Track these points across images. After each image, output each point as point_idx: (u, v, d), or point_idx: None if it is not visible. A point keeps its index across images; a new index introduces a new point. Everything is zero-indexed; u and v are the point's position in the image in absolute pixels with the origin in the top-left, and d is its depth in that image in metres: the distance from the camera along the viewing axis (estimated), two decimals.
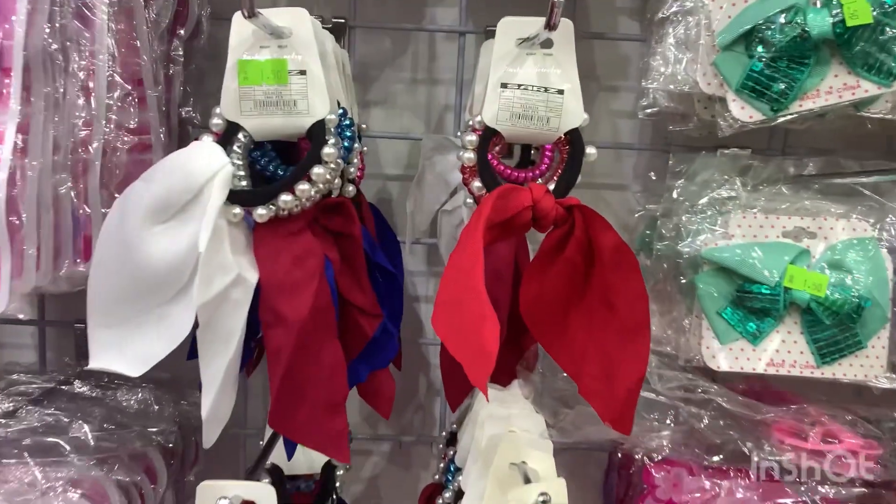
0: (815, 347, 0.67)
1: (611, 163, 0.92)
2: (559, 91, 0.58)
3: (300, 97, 0.54)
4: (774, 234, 0.68)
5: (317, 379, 0.58)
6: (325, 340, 0.58)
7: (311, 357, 0.57)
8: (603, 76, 0.91)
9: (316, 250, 0.58)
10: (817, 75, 0.62)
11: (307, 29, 0.55)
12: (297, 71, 0.54)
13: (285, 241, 0.57)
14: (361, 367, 0.66)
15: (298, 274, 0.57)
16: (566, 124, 0.59)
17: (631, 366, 0.59)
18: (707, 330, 0.68)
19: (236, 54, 0.55)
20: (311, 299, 0.57)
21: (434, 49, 0.92)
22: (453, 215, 0.84)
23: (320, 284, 0.58)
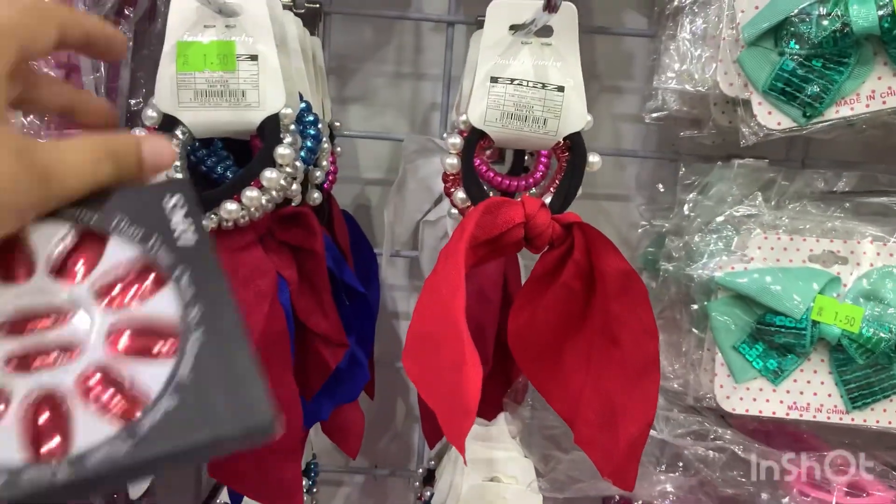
0: (844, 390, 0.58)
1: (612, 171, 0.84)
2: (559, 88, 0.50)
3: (250, 86, 0.45)
4: (800, 257, 0.59)
5: None
6: (277, 374, 0.49)
7: None
8: (605, 75, 0.83)
9: (267, 268, 0.49)
10: (858, 77, 0.53)
11: (260, 6, 0.46)
12: (248, 55, 0.45)
13: (230, 258, 0.48)
14: (324, 402, 0.58)
15: (246, 296, 0.48)
16: (566, 127, 0.51)
17: (636, 412, 0.50)
18: (721, 366, 0.59)
19: (175, 35, 0.46)
20: (261, 325, 0.49)
21: (420, 40, 0.83)
22: (437, 226, 0.76)
23: (272, 308, 0.49)
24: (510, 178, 0.63)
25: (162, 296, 0.30)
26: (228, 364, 0.30)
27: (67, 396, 0.28)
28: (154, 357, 0.29)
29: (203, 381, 0.29)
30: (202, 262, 0.31)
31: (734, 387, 0.59)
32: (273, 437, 0.29)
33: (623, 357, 0.50)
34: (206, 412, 0.28)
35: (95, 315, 0.30)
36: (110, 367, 0.29)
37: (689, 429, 0.60)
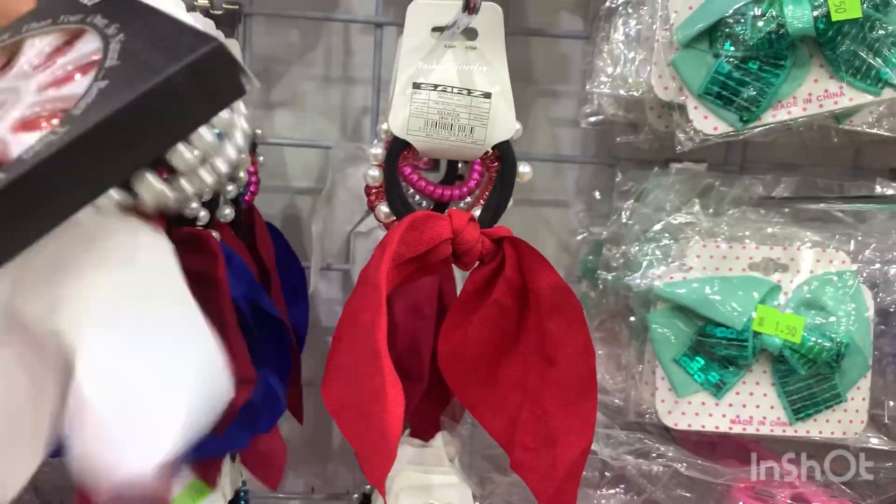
0: (787, 401, 0.57)
1: (550, 177, 0.82)
2: (485, 94, 0.47)
3: None
4: (740, 266, 0.57)
5: None
6: None
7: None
8: (540, 79, 0.80)
9: None
10: (794, 79, 0.52)
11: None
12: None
13: None
14: (240, 431, 0.53)
15: None
16: (494, 136, 0.48)
17: (574, 434, 0.48)
18: (662, 380, 0.57)
19: None
20: None
21: (349, 42, 0.80)
22: (369, 237, 0.73)
23: None
24: (443, 187, 0.60)
25: (85, 40, 0.31)
26: (154, 33, 0.29)
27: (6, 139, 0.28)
28: (81, 73, 0.29)
29: (132, 57, 0.28)
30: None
31: (676, 401, 0.57)
32: (223, 60, 0.27)
33: (559, 377, 0.47)
34: (142, 69, 0.27)
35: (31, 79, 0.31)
36: (39, 102, 0.29)
37: (631, 447, 0.58)
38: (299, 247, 0.77)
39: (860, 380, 0.57)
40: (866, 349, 0.57)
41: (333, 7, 0.77)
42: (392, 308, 0.64)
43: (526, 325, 0.49)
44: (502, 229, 0.48)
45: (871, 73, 0.51)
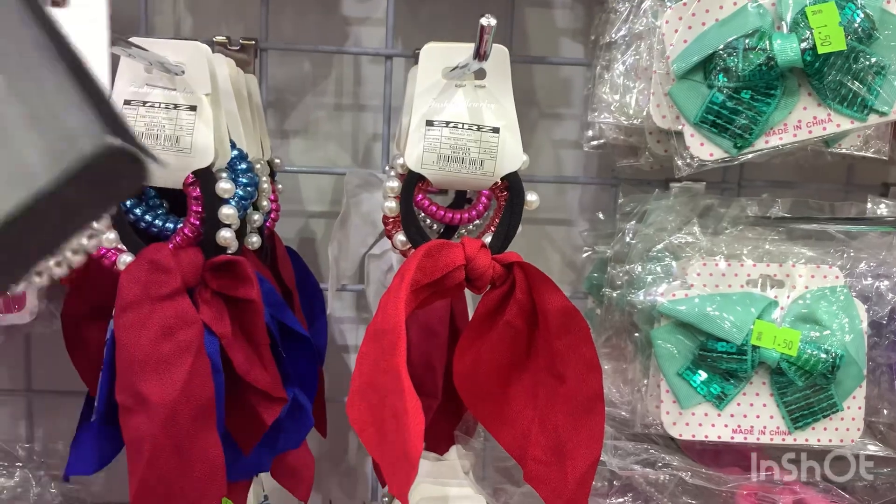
0: (786, 411, 0.59)
1: (554, 196, 0.85)
2: (494, 129, 0.50)
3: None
4: (738, 282, 0.60)
5: (187, 479, 0.48)
6: (199, 431, 0.48)
7: (182, 451, 0.47)
8: (544, 102, 0.83)
9: (193, 319, 0.48)
10: (785, 108, 0.55)
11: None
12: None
13: (151, 306, 0.47)
14: (264, 453, 0.56)
15: (167, 347, 0.47)
16: (503, 168, 0.51)
17: (583, 447, 0.50)
18: (666, 393, 0.60)
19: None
20: (183, 379, 0.47)
21: (360, 72, 0.83)
22: (382, 260, 0.75)
23: (196, 362, 0.48)
24: (453, 211, 0.63)
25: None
26: (39, 100, 0.22)
27: None
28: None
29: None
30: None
31: (680, 412, 0.60)
32: (119, 157, 0.21)
33: (568, 393, 0.50)
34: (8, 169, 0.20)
35: None
36: None
37: (638, 457, 0.60)
38: (314, 268, 0.80)
39: (855, 389, 0.60)
40: (861, 360, 0.59)
41: (344, 40, 0.81)
42: (409, 329, 0.66)
43: (536, 345, 0.52)
44: (512, 255, 0.51)
45: (856, 101, 0.54)
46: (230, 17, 0.80)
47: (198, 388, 0.47)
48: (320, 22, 0.80)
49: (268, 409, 0.53)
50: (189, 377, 0.46)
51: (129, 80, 0.48)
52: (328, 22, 0.81)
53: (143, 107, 0.47)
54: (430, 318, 0.66)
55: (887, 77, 0.54)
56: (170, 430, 0.46)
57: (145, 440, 0.46)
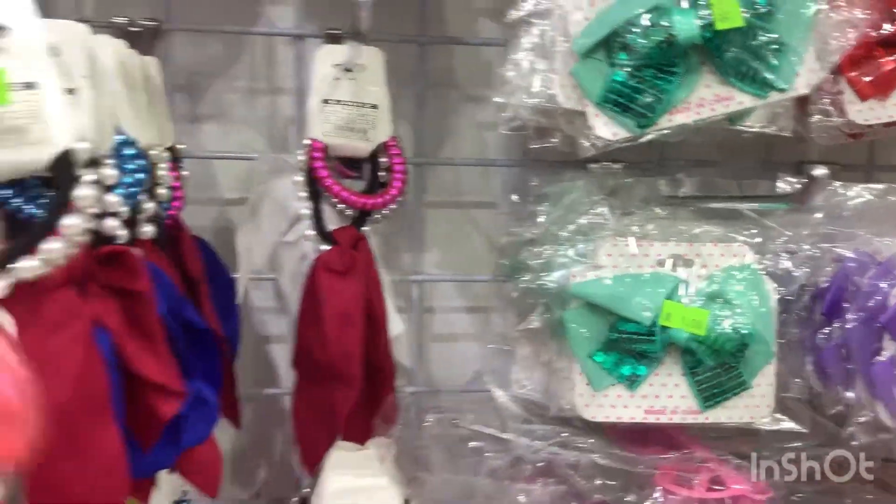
0: (697, 390, 0.59)
1: (478, 179, 0.84)
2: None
3: (29, 121, 0.41)
4: (649, 263, 0.60)
5: (85, 477, 0.46)
6: (97, 427, 0.46)
7: (78, 449, 0.45)
8: (466, 84, 0.82)
9: (80, 314, 0.46)
10: (687, 86, 0.55)
11: (31, 26, 0.42)
12: (22, 84, 0.41)
13: (34, 306, 0.44)
14: (166, 450, 0.54)
15: (55, 345, 0.45)
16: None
17: None
18: (579, 375, 0.60)
19: None
20: (73, 375, 0.45)
21: (274, 54, 0.80)
22: (295, 247, 0.73)
23: (86, 356, 0.46)
24: (364, 196, 0.63)
25: None
26: None
27: None
28: None
29: None
30: None
31: (593, 394, 0.59)
32: None
33: None
34: None
35: None
36: None
37: (553, 440, 0.60)
38: (231, 258, 0.77)
39: (765, 367, 0.60)
40: (770, 338, 0.60)
41: (254, 20, 0.78)
42: (325, 318, 0.65)
43: None
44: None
45: (757, 78, 0.54)
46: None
47: (91, 383, 0.45)
48: (230, 2, 0.78)
49: (165, 404, 0.51)
50: (82, 368, 0.44)
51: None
52: (238, 2, 0.78)
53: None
54: (345, 305, 0.65)
55: (787, 54, 0.54)
56: (64, 428, 0.44)
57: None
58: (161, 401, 0.51)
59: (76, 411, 0.45)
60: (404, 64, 0.74)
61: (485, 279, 0.81)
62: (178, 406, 0.52)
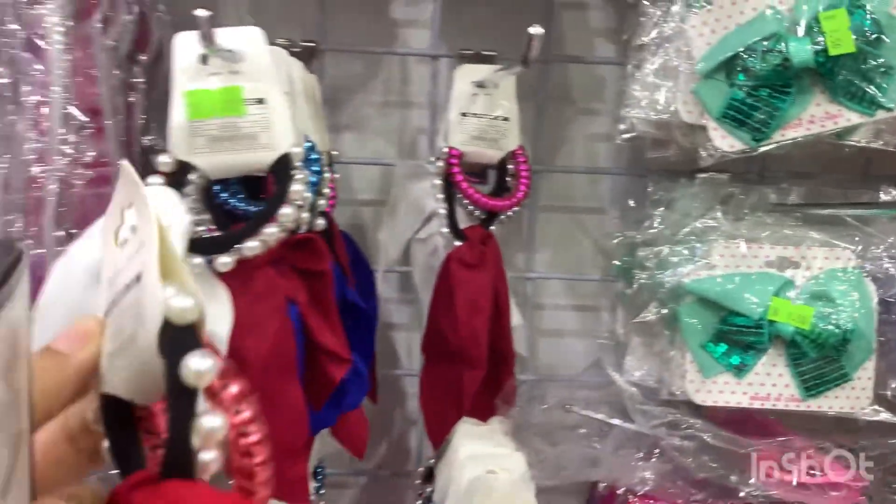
0: (800, 380, 0.65)
1: (588, 186, 0.90)
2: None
3: (261, 129, 0.51)
4: (757, 264, 0.66)
5: (276, 423, 0.55)
6: (286, 383, 0.55)
7: (271, 400, 0.54)
8: (579, 99, 0.89)
9: (278, 289, 0.55)
10: (799, 104, 0.61)
11: (262, 50, 0.52)
12: (255, 99, 0.51)
13: (244, 279, 0.54)
14: (330, 411, 0.63)
15: (258, 313, 0.54)
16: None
17: None
18: (690, 363, 0.66)
19: (182, 84, 0.51)
20: (272, 339, 0.55)
21: (407, 72, 0.89)
22: (427, 243, 0.82)
23: (282, 324, 0.55)
24: (493, 199, 0.72)
25: None
26: None
27: None
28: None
29: None
30: None
31: (703, 381, 0.66)
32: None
33: None
34: None
35: None
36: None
37: (664, 420, 0.67)
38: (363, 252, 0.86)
39: (865, 361, 0.65)
40: (870, 335, 0.65)
41: (391, 42, 0.88)
42: (456, 304, 0.73)
43: None
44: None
45: (865, 98, 0.60)
46: (288, 21, 0.86)
47: (283, 347, 0.54)
48: (369, 25, 0.87)
49: (336, 369, 0.60)
50: (276, 337, 0.54)
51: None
52: (376, 25, 0.87)
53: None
54: (475, 295, 0.73)
55: (893, 76, 0.59)
56: (261, 382, 0.53)
57: None
58: (333, 366, 0.60)
59: (271, 367, 0.55)
60: (526, 80, 0.82)
61: (594, 279, 0.88)
62: (346, 372, 0.61)
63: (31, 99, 0.53)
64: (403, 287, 0.93)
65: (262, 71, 0.51)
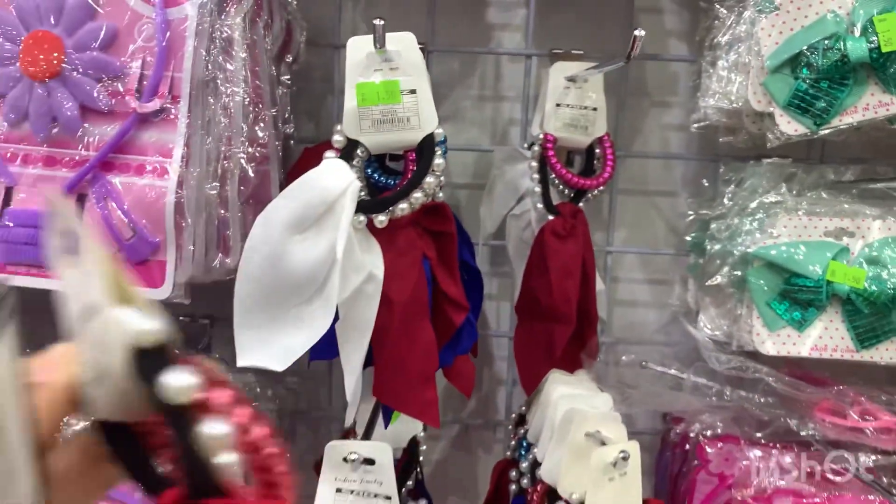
0: (854, 334, 0.75)
1: (662, 172, 1.01)
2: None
3: (412, 114, 0.63)
4: (817, 233, 0.76)
5: (413, 354, 0.68)
6: (421, 321, 0.68)
7: (409, 335, 0.67)
8: (654, 93, 0.99)
9: (416, 244, 0.67)
10: (855, 94, 0.71)
11: (415, 51, 0.64)
12: (408, 90, 0.64)
13: (391, 237, 0.66)
14: (448, 352, 0.75)
15: (401, 264, 0.66)
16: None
17: None
18: (757, 319, 0.76)
19: (353, 78, 0.64)
20: (412, 285, 0.67)
21: (499, 69, 1.01)
22: (521, 219, 0.93)
23: (419, 275, 0.68)
24: (582, 178, 0.83)
25: None
26: None
27: None
28: None
29: None
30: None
31: (768, 334, 0.76)
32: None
33: None
34: None
35: None
36: None
37: (732, 365, 0.77)
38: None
39: None
40: None
41: (487, 42, 0.99)
42: (549, 269, 0.85)
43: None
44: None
45: None
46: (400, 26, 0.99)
47: (419, 292, 0.67)
48: (469, 28, 0.99)
49: (457, 314, 0.72)
50: (414, 284, 0.66)
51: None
52: (474, 28, 0.99)
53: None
54: (567, 261, 0.84)
55: None
56: (402, 320, 0.66)
57: (386, 327, 0.66)
58: (454, 312, 0.72)
59: (411, 308, 0.67)
60: (609, 76, 0.93)
61: (668, 252, 0.99)
62: (464, 318, 0.73)
63: (224, 92, 0.66)
64: (493, 261, 1.05)
65: (414, 67, 0.64)
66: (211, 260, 0.65)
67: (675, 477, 0.88)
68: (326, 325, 0.60)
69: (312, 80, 0.96)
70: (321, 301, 0.60)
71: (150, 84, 0.59)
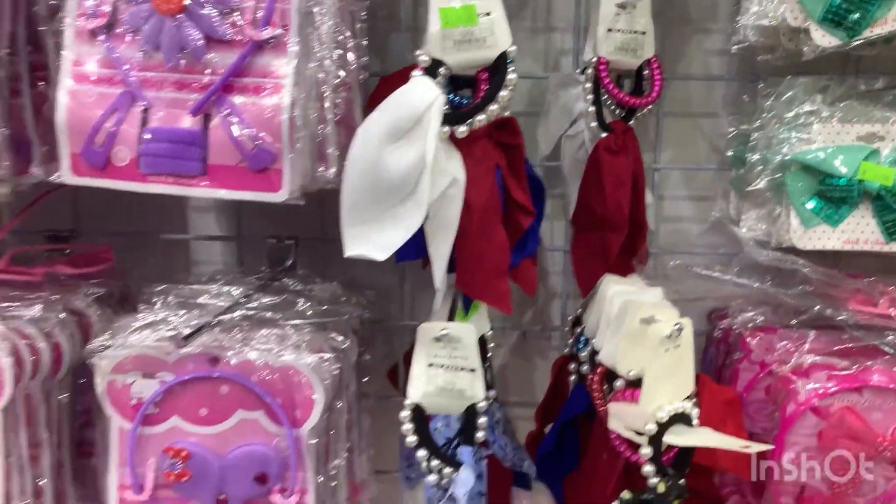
0: (884, 227, 0.83)
1: (704, 94, 1.08)
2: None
3: (488, 34, 0.72)
4: (850, 138, 0.84)
5: (489, 251, 0.77)
6: (496, 223, 0.77)
7: (485, 234, 0.76)
8: (696, 20, 1.06)
9: (490, 154, 0.77)
10: (885, 6, 0.78)
11: None
12: (484, 13, 0.72)
13: (469, 147, 0.76)
14: (515, 255, 0.85)
15: (478, 172, 0.76)
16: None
17: None
18: (795, 218, 0.85)
19: (436, 3, 0.73)
20: (486, 192, 0.76)
21: (551, 2, 1.08)
22: (575, 139, 1.01)
23: (493, 182, 0.77)
24: (633, 97, 0.90)
25: None
26: None
27: None
28: None
29: None
30: None
31: (805, 231, 0.85)
32: None
33: None
34: None
35: None
36: None
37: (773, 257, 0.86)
38: None
39: None
40: None
41: None
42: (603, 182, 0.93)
43: None
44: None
45: None
46: None
47: (493, 196, 0.76)
48: None
49: (524, 219, 0.81)
50: (489, 189, 0.75)
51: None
52: None
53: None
54: (620, 173, 0.92)
55: None
56: (479, 221, 0.75)
57: (467, 227, 0.75)
58: (522, 216, 0.82)
59: (486, 210, 0.77)
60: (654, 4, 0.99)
61: (710, 167, 1.07)
62: (530, 221, 0.83)
63: (319, 23, 0.75)
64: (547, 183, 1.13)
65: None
66: (314, 170, 0.75)
67: (719, 369, 0.98)
68: (419, 223, 0.70)
69: (378, 19, 1.05)
70: (414, 202, 0.70)
71: (264, 15, 0.68)
